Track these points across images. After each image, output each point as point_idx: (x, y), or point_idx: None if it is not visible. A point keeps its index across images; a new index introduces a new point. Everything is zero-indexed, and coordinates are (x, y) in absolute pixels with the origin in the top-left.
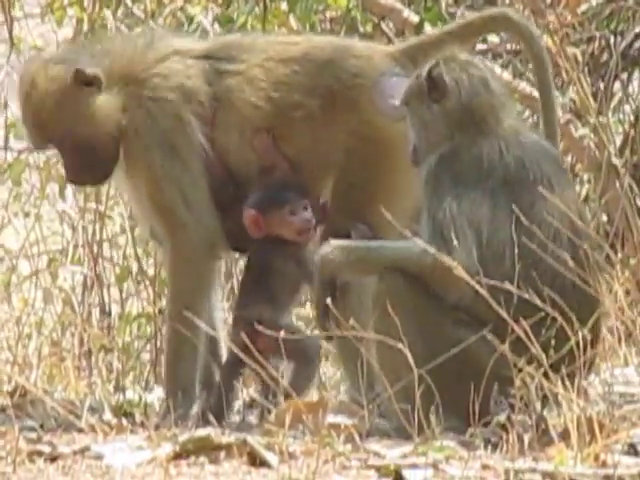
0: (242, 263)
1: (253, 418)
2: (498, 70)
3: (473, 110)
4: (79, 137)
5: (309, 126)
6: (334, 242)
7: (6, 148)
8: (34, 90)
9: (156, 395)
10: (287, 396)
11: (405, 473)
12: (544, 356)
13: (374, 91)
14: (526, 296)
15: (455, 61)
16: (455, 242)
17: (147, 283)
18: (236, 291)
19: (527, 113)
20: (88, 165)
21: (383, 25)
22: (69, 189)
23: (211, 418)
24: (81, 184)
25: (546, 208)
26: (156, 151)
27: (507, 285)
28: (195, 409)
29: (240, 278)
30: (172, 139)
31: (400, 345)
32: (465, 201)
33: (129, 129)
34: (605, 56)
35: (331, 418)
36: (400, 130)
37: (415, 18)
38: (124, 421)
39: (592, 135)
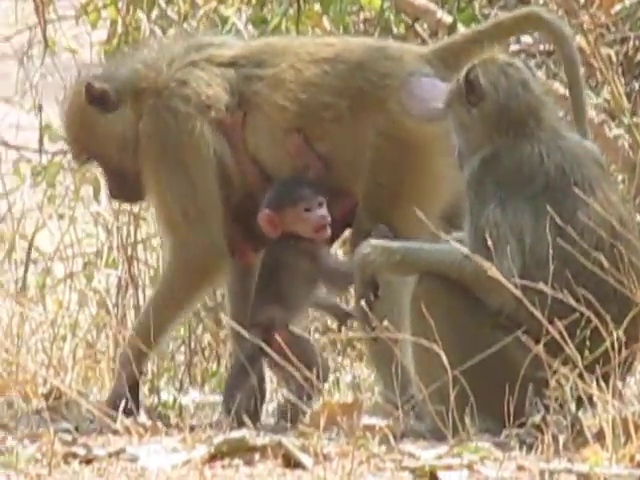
0: None
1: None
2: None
3: (511, 112)
4: (102, 156)
5: (338, 126)
6: (374, 242)
7: (41, 151)
8: (66, 106)
9: (190, 397)
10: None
11: (440, 474)
12: (579, 357)
13: (403, 92)
14: (561, 297)
15: (494, 63)
16: (497, 251)
17: None
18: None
19: (561, 114)
20: (122, 182)
21: (417, 26)
22: (103, 191)
23: (245, 419)
24: (121, 200)
25: (587, 213)
26: (164, 163)
27: (542, 285)
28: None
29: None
30: (181, 152)
31: (435, 347)
32: (508, 208)
33: (142, 137)
34: (639, 56)
35: (366, 419)
36: (429, 131)
37: (448, 19)
38: (159, 423)
39: (626, 135)
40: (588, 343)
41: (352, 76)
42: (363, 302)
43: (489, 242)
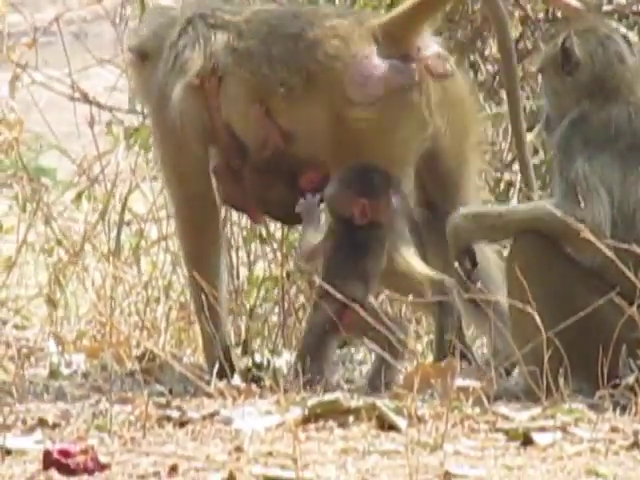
0: None
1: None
2: (623, 30)
3: (605, 83)
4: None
5: (295, 102)
6: (464, 210)
7: (134, 112)
8: None
9: (284, 359)
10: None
11: (534, 436)
12: None
13: (346, 75)
14: None
15: (592, 33)
16: (586, 202)
17: (274, 246)
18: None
19: None
20: None
21: None
22: None
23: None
24: None
25: None
26: (154, 122)
27: (635, 247)
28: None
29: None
30: (164, 112)
31: (529, 308)
32: (596, 162)
33: (148, 100)
34: None
35: (459, 381)
36: (374, 117)
37: None
38: (253, 386)
39: None
40: None
41: (306, 56)
42: (461, 272)
43: (579, 195)
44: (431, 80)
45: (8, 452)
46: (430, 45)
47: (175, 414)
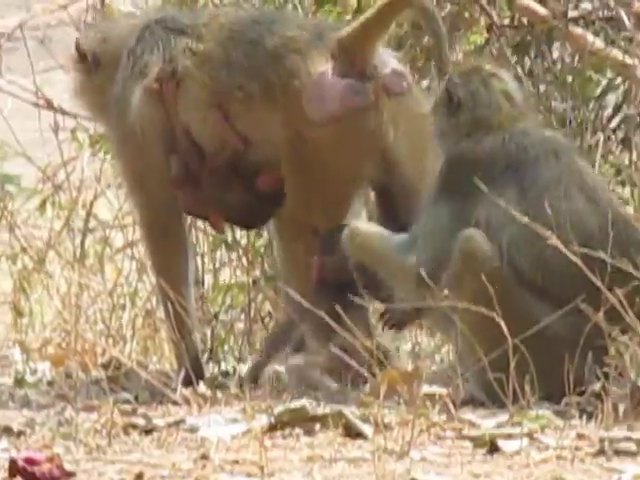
0: None
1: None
2: (590, 38)
3: (486, 120)
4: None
5: (252, 107)
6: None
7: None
8: None
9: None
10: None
11: (500, 443)
12: (639, 325)
13: (303, 93)
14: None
15: (477, 73)
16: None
17: (240, 252)
18: None
19: (619, 80)
20: None
21: None
22: None
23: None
24: None
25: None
26: (114, 133)
27: (601, 254)
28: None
29: None
30: (124, 118)
31: (495, 316)
32: (450, 207)
33: (107, 106)
34: None
35: (426, 388)
36: (329, 135)
37: None
38: (219, 393)
39: None
40: None
41: (265, 65)
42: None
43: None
44: (387, 99)
45: None
46: (387, 62)
47: (141, 422)
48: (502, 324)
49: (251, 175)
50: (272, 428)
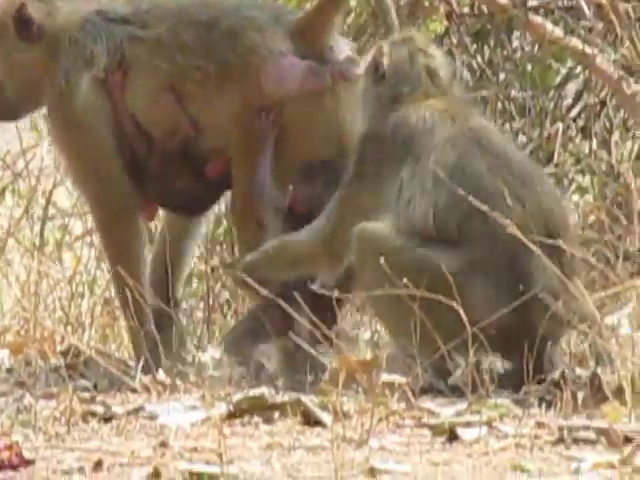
0: None
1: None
2: (550, 27)
3: (406, 95)
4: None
5: (206, 89)
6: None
7: None
8: None
9: (209, 354)
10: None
11: (459, 431)
12: (597, 314)
13: (262, 71)
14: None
15: (406, 46)
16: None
17: (199, 241)
18: None
19: (579, 69)
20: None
21: None
22: None
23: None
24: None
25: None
26: (58, 118)
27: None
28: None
29: None
30: (71, 107)
31: (455, 304)
32: (362, 183)
33: (48, 93)
34: None
35: (385, 376)
36: (284, 115)
37: None
38: (178, 381)
39: None
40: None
41: (221, 44)
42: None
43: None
44: (342, 83)
45: None
46: (342, 48)
47: (100, 409)
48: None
49: (199, 163)
50: (231, 416)
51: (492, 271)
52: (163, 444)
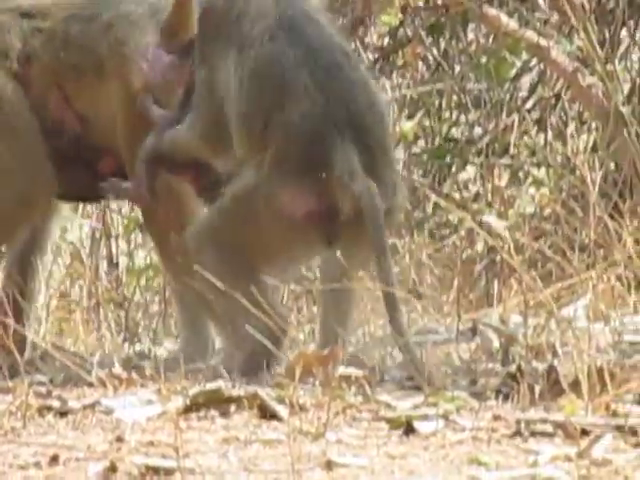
0: None
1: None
2: (505, 19)
3: None
4: None
5: (88, 86)
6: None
7: None
8: None
9: (165, 348)
10: None
11: (416, 424)
12: (554, 305)
13: (132, 62)
14: None
15: None
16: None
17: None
18: None
19: (534, 62)
20: None
21: None
22: None
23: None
24: None
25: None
26: None
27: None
28: None
29: None
30: None
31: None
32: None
33: None
34: (612, 3)
35: (341, 369)
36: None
37: None
38: (134, 375)
39: (600, 83)
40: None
41: (98, 38)
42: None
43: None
44: None
45: None
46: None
47: (56, 404)
48: None
49: (92, 159)
50: (187, 410)
51: (298, 166)
52: (119, 438)
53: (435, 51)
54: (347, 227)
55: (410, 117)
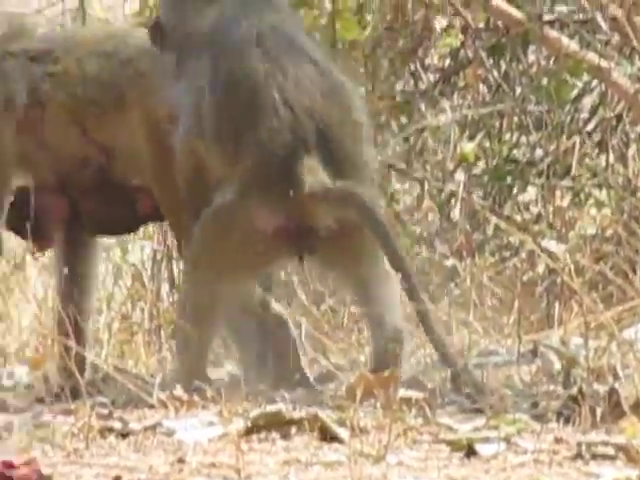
0: None
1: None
2: (565, 41)
3: None
4: None
5: (111, 119)
6: None
7: None
8: None
9: (226, 370)
10: None
11: (477, 447)
12: (614, 326)
13: (151, 92)
14: None
15: None
16: None
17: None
18: None
19: (594, 83)
20: None
21: None
22: None
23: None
24: None
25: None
26: None
27: None
28: None
29: None
30: None
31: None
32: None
33: None
34: None
35: (402, 392)
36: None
37: None
38: (195, 397)
39: None
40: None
41: (119, 72)
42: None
43: None
44: None
45: None
46: None
47: (117, 425)
48: None
49: (124, 193)
50: (248, 432)
51: (267, 184)
52: (181, 460)
53: (496, 73)
54: (327, 240)
55: (471, 138)
